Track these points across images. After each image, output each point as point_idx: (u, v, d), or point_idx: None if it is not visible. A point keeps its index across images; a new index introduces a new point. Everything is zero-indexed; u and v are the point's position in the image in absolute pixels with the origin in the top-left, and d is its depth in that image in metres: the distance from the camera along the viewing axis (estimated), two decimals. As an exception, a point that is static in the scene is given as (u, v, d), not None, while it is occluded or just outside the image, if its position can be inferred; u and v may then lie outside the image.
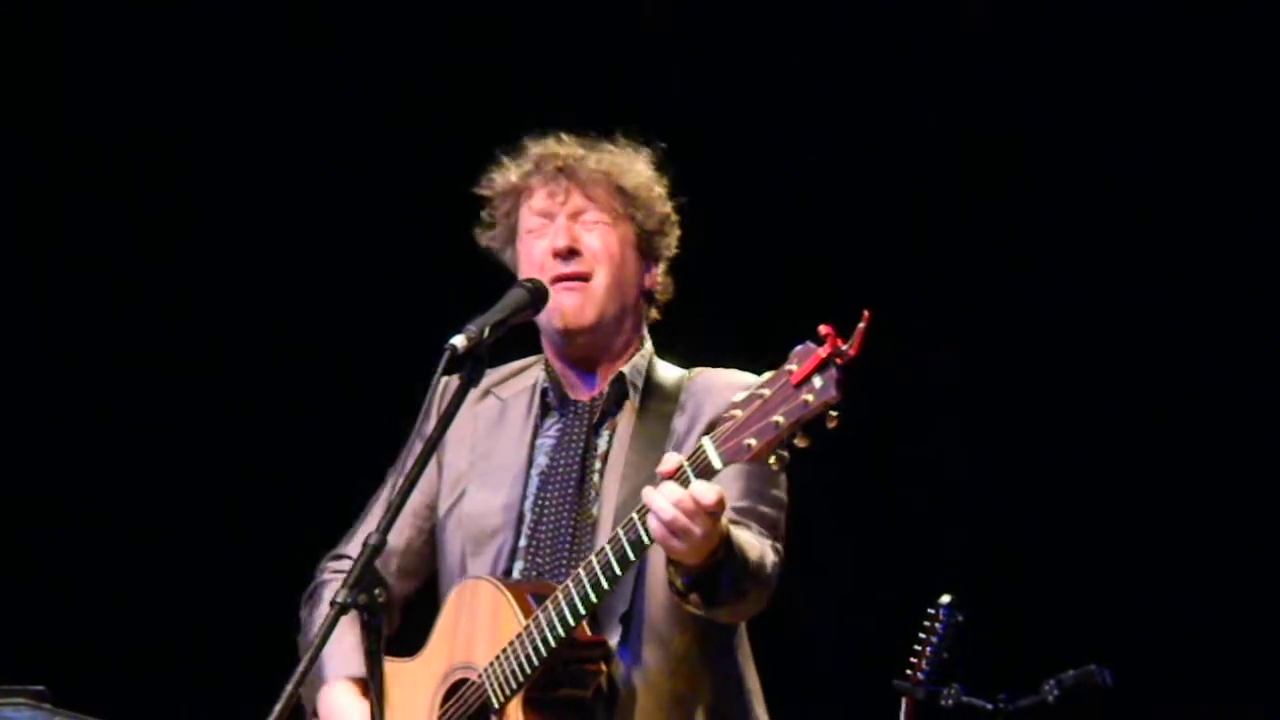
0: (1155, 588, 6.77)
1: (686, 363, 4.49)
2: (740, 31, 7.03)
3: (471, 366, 4.08)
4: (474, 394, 4.47)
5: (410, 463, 4.02)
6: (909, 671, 6.21)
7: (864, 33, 6.95)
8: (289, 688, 3.69)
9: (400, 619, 4.47)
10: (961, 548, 6.89)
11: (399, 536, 4.48)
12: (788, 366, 3.73)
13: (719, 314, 6.14)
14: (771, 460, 3.79)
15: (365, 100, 7.13)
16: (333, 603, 3.72)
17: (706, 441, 3.84)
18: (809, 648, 6.87)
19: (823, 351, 3.68)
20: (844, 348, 3.67)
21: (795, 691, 4.73)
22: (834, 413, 3.71)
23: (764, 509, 4.24)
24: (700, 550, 3.94)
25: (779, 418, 3.72)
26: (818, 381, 3.69)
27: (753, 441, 3.76)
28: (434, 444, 4.07)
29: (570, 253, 4.37)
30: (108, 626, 6.98)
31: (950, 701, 6.21)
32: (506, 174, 4.49)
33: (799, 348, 3.74)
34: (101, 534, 7.06)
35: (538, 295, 4.29)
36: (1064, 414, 6.92)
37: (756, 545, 4.11)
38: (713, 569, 3.99)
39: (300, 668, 3.71)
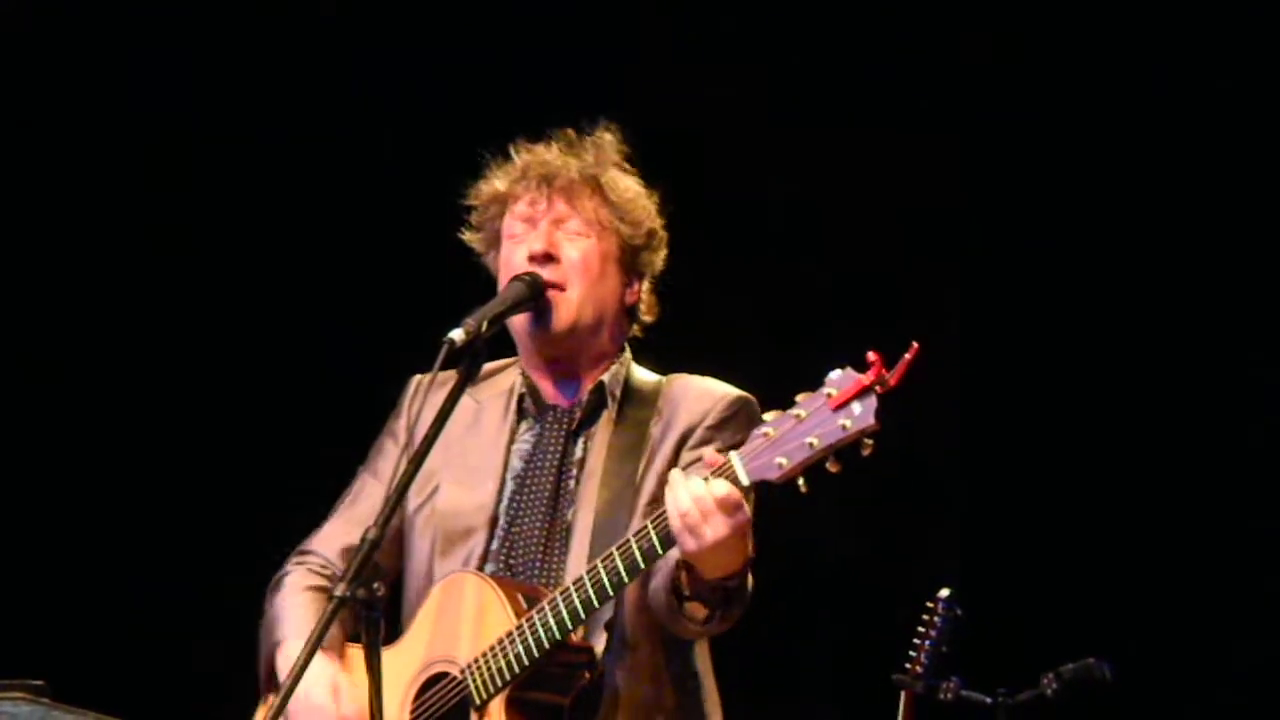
0: (1154, 580, 6.77)
1: (662, 368, 4.48)
2: (740, 34, 7.03)
3: (469, 360, 4.08)
4: (445, 392, 4.47)
5: (396, 461, 4.07)
6: (908, 665, 6.21)
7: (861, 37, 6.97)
8: (287, 682, 3.70)
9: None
10: (960, 541, 6.88)
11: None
12: (825, 390, 3.70)
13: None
14: (800, 483, 3.77)
15: (359, 98, 7.14)
16: (331, 596, 3.72)
17: (735, 457, 3.82)
18: (808, 642, 6.87)
19: (866, 378, 3.66)
20: (887, 376, 3.64)
21: (795, 686, 4.74)
22: (869, 440, 3.69)
23: None
24: (723, 563, 3.92)
25: (813, 439, 3.69)
26: (857, 408, 3.66)
27: (784, 461, 3.73)
28: (430, 441, 4.06)
29: (546, 258, 4.35)
30: (105, 620, 6.98)
31: (949, 695, 6.20)
32: (493, 181, 4.48)
33: (838, 372, 3.71)
34: (99, 528, 7.06)
35: (536, 289, 4.29)
36: (1063, 408, 6.92)
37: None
38: (728, 592, 3.98)
39: (299, 661, 3.72)
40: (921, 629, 6.21)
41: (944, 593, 6.21)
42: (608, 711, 4.19)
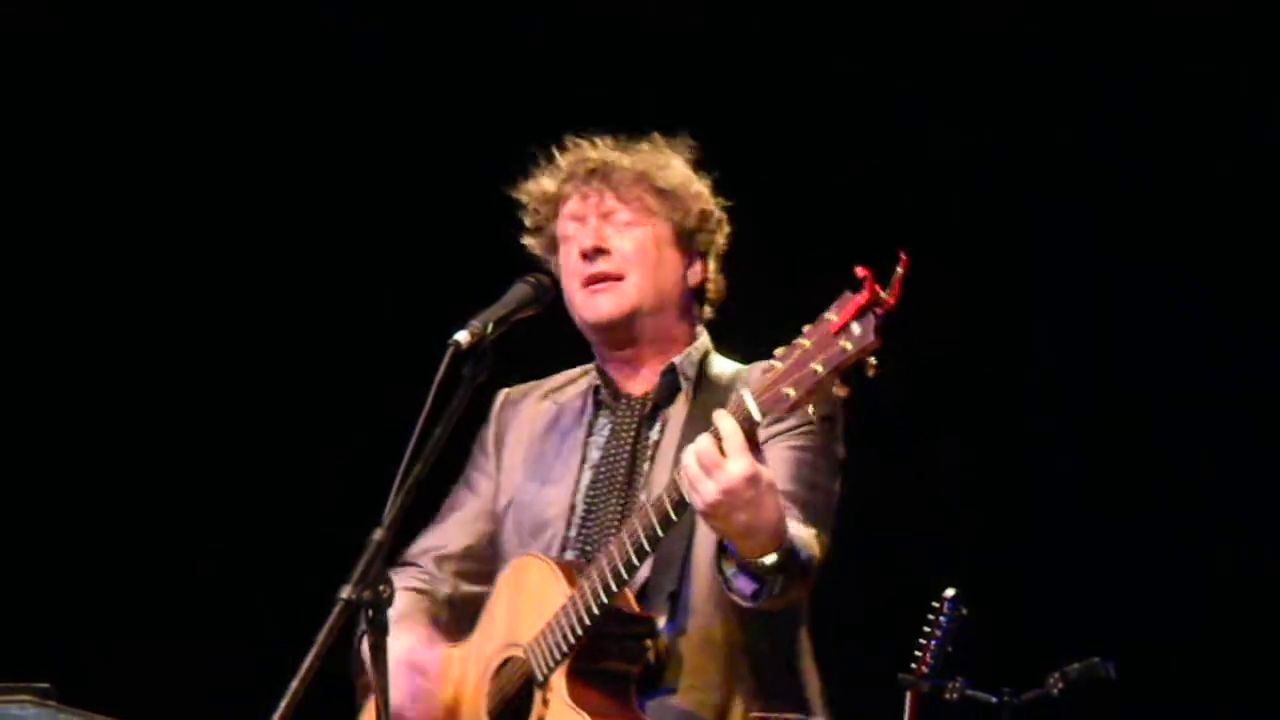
0: (1158, 580, 6.77)
1: (746, 358, 4.46)
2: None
3: (475, 362, 4.08)
4: (533, 398, 4.55)
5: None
6: (914, 665, 6.22)
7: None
8: (294, 684, 3.70)
9: (461, 617, 4.46)
10: (965, 541, 6.88)
11: (458, 542, 4.55)
12: (827, 315, 3.70)
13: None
14: (810, 411, 3.77)
15: (366, 95, 7.14)
16: (336, 599, 3.73)
17: (745, 394, 3.81)
18: (813, 641, 6.86)
19: (861, 298, 3.65)
20: (882, 294, 3.65)
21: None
22: (873, 360, 3.69)
23: (812, 495, 4.21)
24: (744, 529, 3.90)
25: (817, 365, 3.69)
26: (856, 328, 3.66)
27: (791, 391, 3.73)
28: (440, 441, 4.06)
29: (597, 252, 4.37)
30: (113, 623, 6.99)
31: (955, 695, 6.21)
32: (542, 183, 4.49)
33: (840, 298, 3.72)
34: (106, 530, 7.06)
35: (541, 290, 4.28)
36: (1067, 407, 6.93)
37: (811, 543, 4.08)
38: (772, 569, 3.95)
39: (305, 665, 3.71)
40: (927, 629, 6.22)
41: (949, 592, 6.22)
42: (683, 685, 4.17)
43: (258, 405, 7.14)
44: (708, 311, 4.50)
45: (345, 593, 3.72)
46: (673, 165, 4.45)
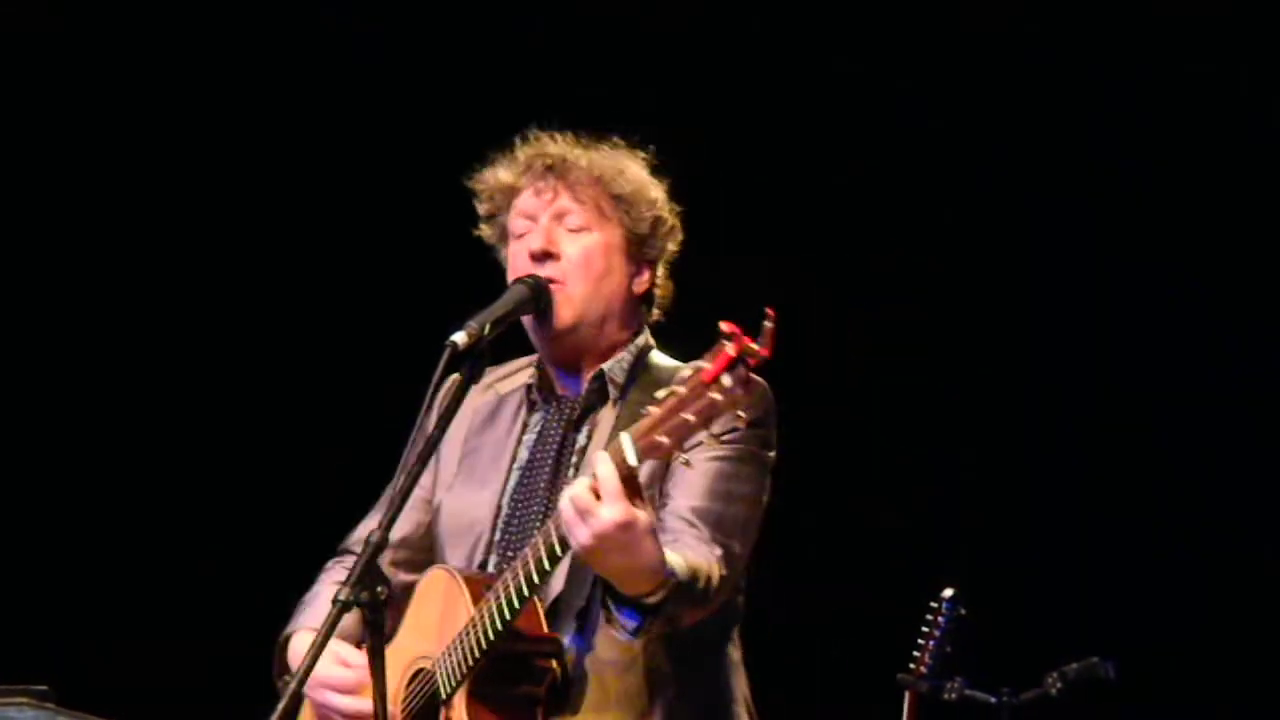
0: (1158, 580, 6.77)
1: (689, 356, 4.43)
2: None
3: (472, 363, 4.07)
4: (478, 387, 4.46)
5: (412, 459, 4.03)
6: (912, 665, 6.21)
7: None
8: (292, 686, 3.70)
9: (398, 606, 4.44)
10: (964, 541, 6.88)
11: (396, 531, 4.44)
12: (702, 364, 3.70)
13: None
14: (683, 459, 3.77)
15: (366, 94, 7.14)
16: (335, 600, 3.73)
17: (624, 437, 3.79)
18: (812, 642, 6.87)
19: (730, 351, 3.65)
20: (752, 347, 3.62)
21: (799, 686, 4.74)
22: (742, 413, 3.69)
23: (727, 508, 4.15)
24: (620, 565, 3.87)
25: (689, 415, 3.68)
26: (726, 381, 3.64)
27: (664, 439, 3.71)
28: (435, 442, 4.06)
29: (545, 255, 4.32)
30: (111, 625, 6.99)
31: (954, 695, 6.20)
32: (497, 172, 4.44)
33: (714, 347, 3.71)
34: (104, 533, 7.07)
35: (538, 292, 4.27)
36: (1067, 407, 6.92)
37: (706, 569, 4.04)
38: (653, 607, 3.91)
39: (303, 666, 3.72)
40: (926, 629, 6.21)
41: (948, 592, 6.22)
42: (590, 700, 4.12)
43: (257, 405, 7.14)
44: (655, 314, 4.43)
45: (342, 594, 3.72)
46: (630, 170, 4.37)
